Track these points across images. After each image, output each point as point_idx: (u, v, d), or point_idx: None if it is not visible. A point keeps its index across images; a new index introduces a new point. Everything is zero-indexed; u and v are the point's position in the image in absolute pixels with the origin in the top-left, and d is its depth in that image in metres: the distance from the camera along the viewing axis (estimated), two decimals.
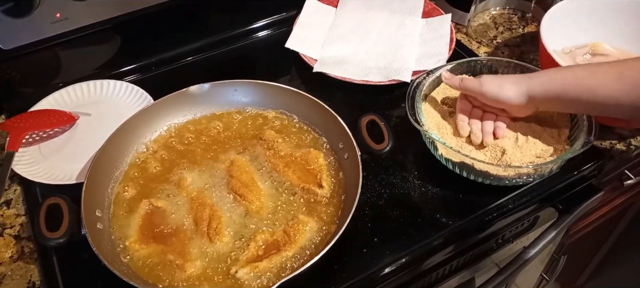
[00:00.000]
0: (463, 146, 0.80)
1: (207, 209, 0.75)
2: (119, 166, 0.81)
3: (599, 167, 0.87)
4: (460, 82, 0.81)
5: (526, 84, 0.75)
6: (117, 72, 1.03)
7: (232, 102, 0.90)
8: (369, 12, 1.14)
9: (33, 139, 0.88)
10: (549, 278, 1.28)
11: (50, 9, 0.92)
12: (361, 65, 1.02)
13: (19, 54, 0.94)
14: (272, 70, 1.07)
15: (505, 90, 0.76)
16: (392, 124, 0.92)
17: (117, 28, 1.02)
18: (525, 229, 0.92)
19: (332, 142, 0.83)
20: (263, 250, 0.70)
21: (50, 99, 0.94)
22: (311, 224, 0.73)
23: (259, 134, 0.86)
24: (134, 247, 0.71)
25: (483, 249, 0.87)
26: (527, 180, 0.79)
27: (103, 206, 0.76)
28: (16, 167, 0.82)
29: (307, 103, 0.86)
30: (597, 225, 1.31)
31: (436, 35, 1.07)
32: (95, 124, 0.91)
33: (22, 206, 0.82)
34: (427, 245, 0.75)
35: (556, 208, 0.88)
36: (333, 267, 0.71)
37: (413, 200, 0.80)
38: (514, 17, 1.20)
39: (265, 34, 1.15)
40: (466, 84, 0.80)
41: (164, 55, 1.07)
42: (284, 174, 0.80)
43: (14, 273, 0.74)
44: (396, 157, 0.86)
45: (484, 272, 0.96)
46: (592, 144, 0.75)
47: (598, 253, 1.59)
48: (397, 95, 0.97)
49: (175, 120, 0.88)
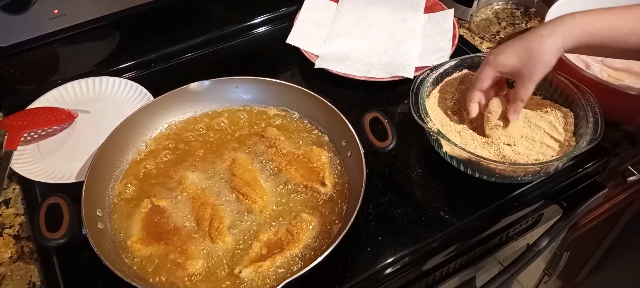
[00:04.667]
0: (468, 143, 0.79)
1: (208, 208, 0.74)
2: (119, 165, 0.80)
3: (603, 164, 0.86)
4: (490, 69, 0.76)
5: (561, 41, 0.71)
6: (116, 69, 1.02)
7: (233, 99, 0.89)
8: (371, 7, 1.13)
9: (31, 137, 0.87)
10: (551, 274, 1.27)
11: (48, 5, 0.90)
12: (363, 61, 1.01)
13: (17, 51, 0.93)
14: (273, 66, 1.06)
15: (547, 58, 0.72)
16: (395, 121, 0.91)
17: (116, 24, 1.01)
18: (529, 226, 0.91)
19: (334, 139, 0.82)
20: (266, 250, 0.70)
21: (48, 96, 0.93)
22: (314, 223, 0.72)
23: (260, 131, 0.85)
24: (135, 247, 0.70)
25: (487, 247, 0.86)
26: (533, 177, 0.78)
27: (104, 205, 0.75)
28: (15, 166, 0.81)
29: (309, 100, 0.85)
30: (599, 221, 1.30)
31: (439, 31, 1.06)
32: (95, 122, 0.90)
33: (21, 205, 0.81)
34: (431, 244, 0.75)
35: (560, 206, 0.87)
36: (337, 266, 0.71)
37: (417, 198, 0.80)
38: (516, 12, 1.19)
39: (266, 29, 1.13)
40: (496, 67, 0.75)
41: (164, 52, 1.06)
42: (286, 172, 0.79)
43: (13, 273, 0.73)
44: (400, 154, 0.85)
45: (486, 270, 0.95)
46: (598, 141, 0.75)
47: (599, 249, 1.59)
48: (399, 91, 0.96)
49: (175, 118, 0.87)
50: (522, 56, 0.73)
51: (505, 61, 0.74)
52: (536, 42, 0.72)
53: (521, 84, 0.75)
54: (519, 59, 0.73)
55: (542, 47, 0.71)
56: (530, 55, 0.72)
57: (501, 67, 0.75)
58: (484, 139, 0.80)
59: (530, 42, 0.72)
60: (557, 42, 0.71)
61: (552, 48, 0.71)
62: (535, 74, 0.73)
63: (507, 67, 0.75)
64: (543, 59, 0.72)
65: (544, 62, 0.72)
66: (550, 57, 0.72)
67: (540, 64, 0.72)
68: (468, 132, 0.81)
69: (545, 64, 0.72)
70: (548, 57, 0.72)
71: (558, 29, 0.71)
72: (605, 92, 0.82)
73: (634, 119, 0.91)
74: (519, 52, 0.73)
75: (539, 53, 0.72)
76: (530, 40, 0.72)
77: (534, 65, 0.72)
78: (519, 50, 0.73)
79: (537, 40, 0.72)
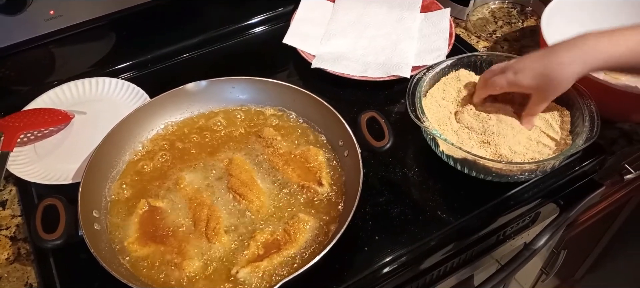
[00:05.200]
0: (465, 142, 0.79)
1: (205, 209, 0.74)
2: (115, 165, 0.80)
3: (600, 162, 0.87)
4: (507, 84, 0.77)
5: (580, 69, 0.72)
6: (113, 70, 1.02)
7: (230, 99, 0.89)
8: (368, 7, 1.13)
9: (28, 139, 0.87)
10: (548, 272, 1.28)
11: (44, 6, 0.90)
12: (360, 61, 1.01)
13: (13, 52, 0.92)
14: (269, 66, 1.06)
15: (563, 87, 0.73)
16: (392, 120, 0.91)
17: (112, 25, 1.01)
18: (526, 225, 0.91)
19: (331, 139, 0.82)
20: (263, 250, 0.70)
21: (44, 97, 0.93)
22: (312, 223, 0.72)
23: (257, 131, 0.85)
24: (132, 247, 0.70)
25: (484, 246, 0.86)
26: (529, 176, 0.79)
27: (100, 206, 0.75)
28: (11, 167, 0.81)
29: (305, 100, 0.85)
30: (597, 219, 1.30)
31: (435, 30, 1.06)
32: (91, 123, 0.90)
33: (17, 207, 0.81)
34: (429, 243, 0.75)
35: (557, 204, 0.87)
36: (334, 266, 0.71)
37: (414, 198, 0.80)
38: (513, 11, 1.19)
39: (263, 29, 1.13)
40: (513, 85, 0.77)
41: (160, 52, 1.06)
42: (283, 172, 0.79)
43: (10, 275, 0.73)
44: (397, 154, 0.85)
45: (484, 269, 0.95)
46: (594, 140, 0.75)
47: (597, 247, 1.59)
48: (396, 91, 0.96)
49: (172, 118, 0.87)
50: (540, 80, 0.74)
51: (523, 81, 0.75)
52: (557, 69, 0.72)
53: (535, 102, 0.77)
54: (537, 82, 0.74)
55: (561, 75, 0.72)
56: (549, 80, 0.73)
57: (519, 86, 0.76)
58: (480, 138, 0.80)
59: (550, 68, 0.73)
60: (577, 70, 0.72)
61: (572, 76, 0.73)
62: (550, 97, 0.76)
63: (524, 86, 0.76)
64: (561, 86, 0.74)
65: (561, 88, 0.74)
66: (568, 84, 0.74)
67: (558, 89, 0.74)
68: (465, 132, 0.81)
69: (561, 90, 0.74)
70: (565, 85, 0.73)
71: (580, 57, 0.71)
72: (601, 91, 0.82)
73: (630, 117, 0.91)
74: (538, 76, 0.74)
75: (558, 80, 0.73)
76: (551, 65, 0.73)
77: (551, 89, 0.74)
78: (538, 74, 0.74)
79: (558, 68, 0.72)
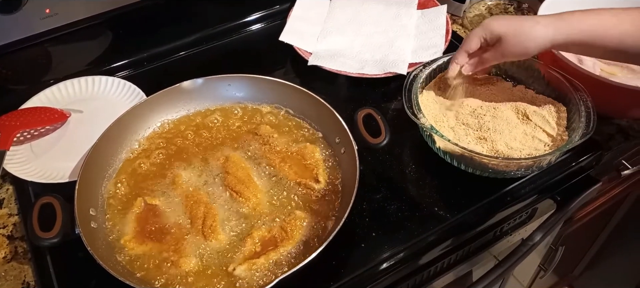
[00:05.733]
0: (461, 139, 0.79)
1: (202, 206, 0.74)
2: (112, 164, 0.80)
3: (597, 158, 0.87)
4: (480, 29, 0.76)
5: (552, 33, 0.72)
6: (109, 68, 1.02)
7: (226, 97, 0.89)
8: (364, 4, 1.13)
9: (24, 137, 0.87)
10: (546, 268, 1.28)
11: (40, 4, 0.90)
12: (357, 58, 1.01)
13: (8, 51, 0.92)
14: (266, 64, 1.06)
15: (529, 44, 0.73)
16: (388, 117, 0.91)
17: (108, 23, 1.00)
18: (523, 221, 0.91)
19: (328, 136, 0.82)
20: (260, 247, 0.70)
21: (41, 96, 0.93)
22: (308, 220, 0.72)
23: (254, 129, 0.85)
24: (129, 245, 0.70)
25: (481, 242, 0.86)
26: (526, 172, 0.79)
27: (97, 204, 0.75)
28: (8, 166, 0.81)
29: (302, 97, 0.85)
30: (594, 216, 1.31)
31: (432, 27, 1.06)
32: (87, 121, 0.90)
33: (14, 205, 0.81)
34: (426, 239, 0.75)
35: (554, 200, 0.87)
36: (331, 263, 0.71)
37: (411, 194, 0.80)
38: (509, 7, 1.19)
39: (259, 27, 1.13)
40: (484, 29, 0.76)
41: (156, 50, 1.06)
42: (280, 169, 0.79)
43: (7, 273, 0.73)
44: (393, 150, 0.85)
45: (482, 264, 0.96)
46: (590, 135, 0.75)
47: (595, 244, 1.59)
48: (393, 88, 0.96)
49: (168, 116, 0.87)
50: (510, 29, 0.74)
51: (495, 27, 0.75)
52: (529, 25, 0.73)
53: (494, 52, 0.76)
54: (506, 30, 0.74)
55: (532, 31, 0.72)
56: (518, 32, 0.73)
57: (489, 30, 0.75)
58: (477, 134, 0.80)
59: (524, 22, 0.73)
60: (549, 33, 0.72)
61: (541, 37, 0.72)
62: (513, 50, 0.74)
63: (494, 33, 0.75)
64: (526, 43, 0.73)
65: (525, 47, 0.73)
66: (535, 46, 0.73)
67: (523, 45, 0.73)
68: (461, 128, 0.81)
69: (525, 48, 0.73)
70: (532, 44, 0.73)
71: (554, 22, 0.72)
72: (598, 87, 0.83)
73: (626, 113, 0.91)
74: (510, 25, 0.74)
75: (526, 35, 0.73)
76: (525, 20, 0.74)
77: (517, 42, 0.73)
78: (512, 23, 0.74)
79: (531, 25, 0.73)
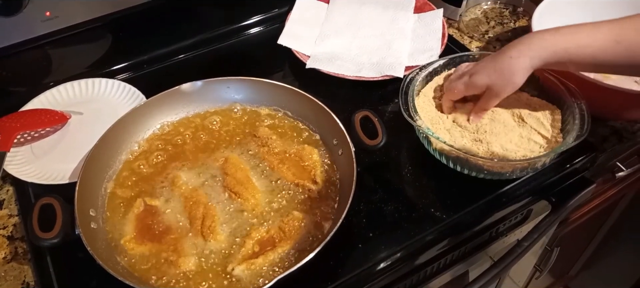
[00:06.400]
0: (457, 141, 0.80)
1: (201, 207, 0.74)
2: (112, 165, 0.81)
3: (591, 159, 0.88)
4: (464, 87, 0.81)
5: (529, 62, 0.74)
6: (109, 71, 1.02)
7: (225, 99, 0.89)
8: (362, 8, 1.14)
9: (25, 139, 0.88)
10: (542, 269, 1.29)
11: (40, 7, 0.91)
12: (354, 61, 1.02)
13: (9, 53, 0.93)
14: (264, 67, 1.06)
15: (515, 79, 0.76)
16: (385, 119, 0.92)
17: (109, 26, 1.01)
18: (518, 222, 0.92)
19: (326, 138, 0.83)
20: (258, 247, 0.70)
21: (41, 98, 0.93)
22: (306, 220, 0.73)
23: (252, 131, 0.86)
24: (128, 246, 0.71)
25: (477, 243, 0.87)
26: (521, 173, 0.80)
27: (97, 205, 0.75)
28: (8, 168, 0.82)
29: (300, 99, 0.85)
30: (590, 217, 1.32)
31: (428, 31, 1.07)
32: (88, 123, 0.91)
33: (15, 206, 0.82)
34: (422, 240, 0.76)
35: (549, 201, 0.88)
36: (329, 263, 0.72)
37: (407, 195, 0.81)
38: (505, 11, 1.21)
39: (258, 30, 1.14)
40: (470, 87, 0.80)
41: (156, 53, 1.06)
42: (278, 171, 0.79)
43: (7, 274, 0.73)
44: (390, 152, 0.86)
45: (478, 265, 0.96)
46: (584, 137, 0.76)
47: (590, 245, 1.60)
48: (390, 90, 0.97)
49: (168, 118, 0.88)
50: (491, 75, 0.77)
51: (478, 82, 0.79)
52: (506, 63, 0.76)
53: (487, 97, 0.79)
54: (489, 78, 0.77)
55: (511, 68, 0.75)
56: (500, 74, 0.76)
57: (474, 88, 0.80)
58: (473, 136, 0.81)
59: (500, 63, 0.76)
60: (526, 63, 0.74)
61: (520, 70, 0.75)
62: (502, 92, 0.78)
63: (479, 87, 0.79)
64: (511, 79, 0.76)
65: (512, 83, 0.76)
66: (519, 78, 0.75)
67: (509, 83, 0.76)
68: (457, 130, 0.82)
69: (513, 84, 0.76)
70: (516, 78, 0.75)
71: (525, 51, 0.74)
72: (592, 89, 0.84)
73: (620, 115, 0.92)
74: (489, 72, 0.77)
75: (508, 73, 0.75)
76: (500, 60, 0.76)
77: (502, 83, 0.76)
78: (489, 70, 0.77)
79: (507, 62, 0.75)
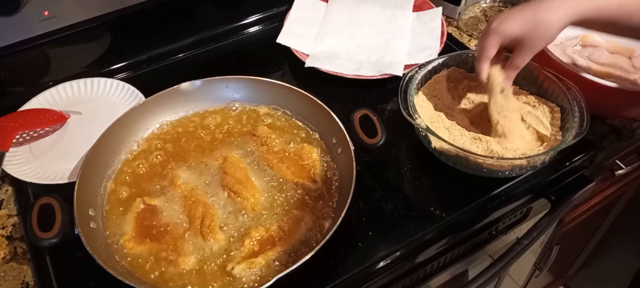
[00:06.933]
0: (456, 139, 0.80)
1: (200, 207, 0.74)
2: (111, 165, 0.81)
3: (590, 157, 0.88)
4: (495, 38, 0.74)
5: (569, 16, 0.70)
6: (108, 70, 1.02)
7: (224, 98, 0.89)
8: (360, 6, 1.14)
9: (23, 139, 0.88)
10: (541, 268, 1.29)
11: (38, 6, 0.91)
12: (353, 60, 1.02)
13: (7, 53, 0.93)
14: (263, 66, 1.06)
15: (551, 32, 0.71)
16: (385, 118, 0.92)
17: (107, 25, 1.01)
18: (518, 220, 0.92)
19: (325, 137, 0.83)
20: (258, 246, 0.70)
21: (40, 98, 0.93)
22: (306, 219, 0.73)
23: (252, 130, 0.86)
24: (128, 245, 0.71)
25: (477, 241, 0.87)
26: (520, 171, 0.80)
27: (96, 205, 0.75)
28: (7, 168, 0.82)
29: (299, 98, 0.85)
30: (589, 215, 1.32)
31: (427, 29, 1.07)
32: (87, 123, 0.90)
33: (14, 206, 0.81)
34: (422, 238, 0.76)
35: (549, 199, 0.88)
36: (328, 262, 0.72)
37: (407, 194, 0.81)
38: (504, 9, 1.20)
39: (257, 29, 1.14)
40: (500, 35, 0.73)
41: (155, 52, 1.06)
42: (277, 170, 0.79)
43: (7, 274, 0.73)
44: (389, 150, 0.86)
45: (478, 263, 0.96)
46: (583, 135, 0.76)
47: (590, 243, 1.60)
48: (389, 89, 0.97)
49: (167, 118, 0.88)
50: (527, 25, 0.71)
51: (509, 29, 0.72)
52: (544, 13, 0.70)
53: (520, 52, 0.74)
54: (523, 28, 0.71)
55: (549, 18, 0.70)
56: (536, 25, 0.71)
57: (506, 36, 0.73)
58: (472, 135, 0.81)
59: (538, 13, 0.71)
60: (566, 15, 0.70)
61: (560, 21, 0.70)
62: (537, 45, 0.72)
63: (511, 35, 0.73)
64: (548, 32, 0.71)
65: (548, 36, 0.71)
66: (555, 31, 0.71)
67: (544, 36, 0.71)
68: (456, 128, 0.82)
69: (549, 37, 0.71)
70: (553, 31, 0.71)
71: (567, 2, 0.70)
72: (591, 88, 0.84)
73: (619, 113, 0.92)
74: (524, 21, 0.71)
75: (546, 25, 0.70)
76: (539, 10, 0.71)
77: (538, 36, 0.71)
78: (525, 18, 0.71)
79: (545, 12, 0.70)
